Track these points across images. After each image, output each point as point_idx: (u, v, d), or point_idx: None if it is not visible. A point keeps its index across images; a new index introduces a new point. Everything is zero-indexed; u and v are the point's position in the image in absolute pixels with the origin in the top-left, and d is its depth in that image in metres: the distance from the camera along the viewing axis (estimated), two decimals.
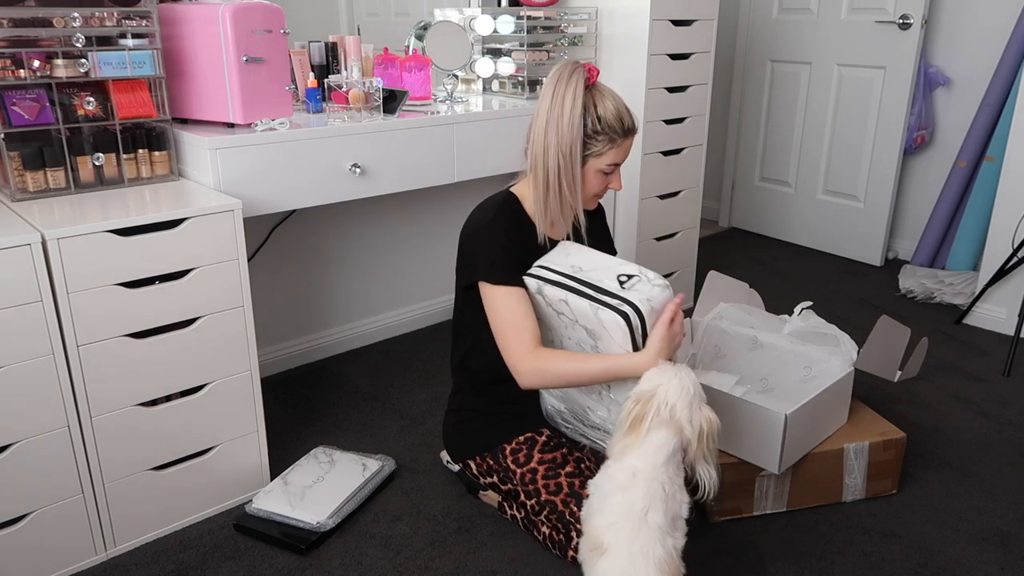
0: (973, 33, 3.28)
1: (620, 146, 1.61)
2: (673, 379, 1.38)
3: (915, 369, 1.93)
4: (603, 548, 1.30)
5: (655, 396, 1.36)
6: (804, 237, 3.90)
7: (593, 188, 1.65)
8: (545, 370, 1.55)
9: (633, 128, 1.62)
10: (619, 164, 1.64)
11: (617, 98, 1.61)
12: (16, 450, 1.51)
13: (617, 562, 1.28)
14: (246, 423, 1.83)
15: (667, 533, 1.31)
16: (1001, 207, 2.82)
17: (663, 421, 1.34)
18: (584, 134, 1.57)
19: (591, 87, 1.59)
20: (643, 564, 1.27)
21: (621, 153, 1.62)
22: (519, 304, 1.58)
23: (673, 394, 1.36)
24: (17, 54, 1.63)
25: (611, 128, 1.58)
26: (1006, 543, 1.76)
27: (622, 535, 1.29)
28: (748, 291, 2.18)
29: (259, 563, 1.68)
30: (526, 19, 2.58)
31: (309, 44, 2.26)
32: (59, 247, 1.47)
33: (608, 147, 1.59)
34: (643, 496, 1.31)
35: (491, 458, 1.77)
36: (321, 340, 2.64)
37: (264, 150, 1.87)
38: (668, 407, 1.35)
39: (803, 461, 1.81)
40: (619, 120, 1.58)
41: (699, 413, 1.37)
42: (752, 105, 3.99)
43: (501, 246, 1.60)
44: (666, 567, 1.28)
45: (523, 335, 1.56)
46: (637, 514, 1.30)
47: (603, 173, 1.63)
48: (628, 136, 1.61)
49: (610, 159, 1.61)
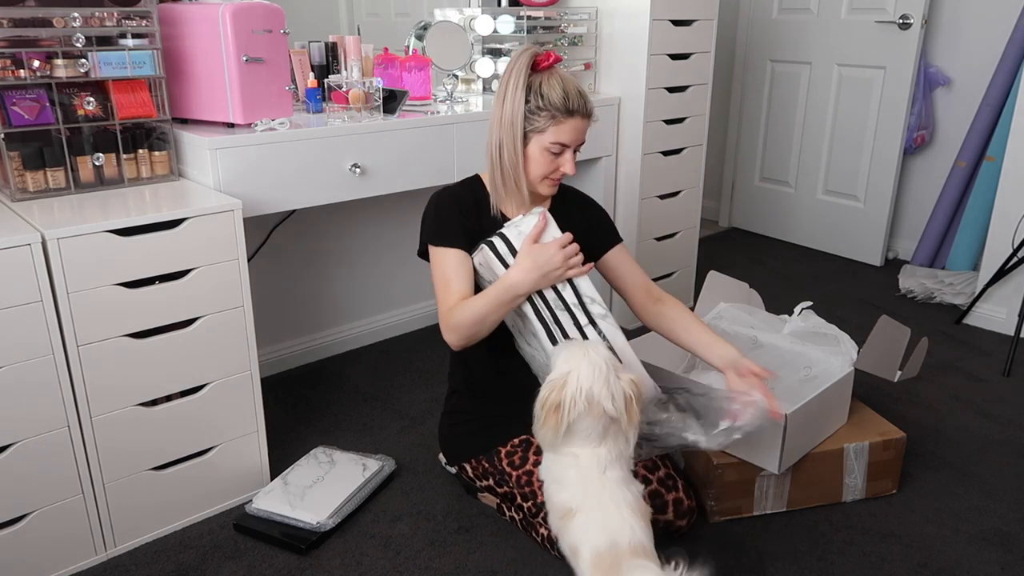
0: (973, 33, 3.28)
1: (562, 125, 1.60)
2: (582, 361, 1.37)
3: (915, 369, 1.93)
4: (572, 511, 1.33)
5: (567, 384, 1.36)
6: (804, 237, 3.90)
7: (541, 167, 1.65)
8: (452, 321, 1.59)
9: (580, 110, 1.61)
10: (567, 145, 1.63)
11: (569, 81, 1.62)
12: (16, 450, 1.51)
13: (591, 515, 1.32)
14: (246, 423, 1.83)
15: (629, 482, 1.37)
16: (1001, 207, 2.82)
17: (581, 410, 1.35)
18: (528, 110, 1.60)
19: (544, 70, 1.61)
20: (615, 509, 1.31)
21: (565, 132, 1.61)
22: (452, 263, 1.63)
23: (585, 378, 1.35)
24: (17, 54, 1.63)
25: (552, 105, 1.59)
26: (1006, 543, 1.76)
27: (589, 493, 1.33)
28: (748, 291, 2.18)
29: (259, 563, 1.68)
30: (526, 19, 2.58)
31: (309, 44, 2.25)
32: (59, 247, 1.47)
33: (549, 123, 1.60)
34: (596, 463, 1.35)
35: (486, 461, 1.76)
36: (321, 340, 2.64)
37: (264, 150, 1.87)
38: (583, 393, 1.34)
39: (803, 461, 1.81)
40: (563, 99, 1.59)
41: (617, 385, 1.37)
42: (752, 105, 3.99)
43: (448, 212, 1.67)
44: (637, 507, 1.33)
45: (449, 296, 1.62)
46: (597, 475, 1.34)
47: (550, 153, 1.63)
48: (572, 116, 1.60)
49: (552, 137, 1.61)
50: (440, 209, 1.69)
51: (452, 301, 1.61)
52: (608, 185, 2.74)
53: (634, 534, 1.29)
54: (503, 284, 1.56)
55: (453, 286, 1.62)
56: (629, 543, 1.28)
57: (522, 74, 1.59)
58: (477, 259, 1.65)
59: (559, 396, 1.35)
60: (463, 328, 1.59)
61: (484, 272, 1.66)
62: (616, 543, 1.28)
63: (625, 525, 1.30)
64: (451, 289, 1.62)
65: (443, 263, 1.65)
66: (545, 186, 1.69)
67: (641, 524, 1.31)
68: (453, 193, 1.72)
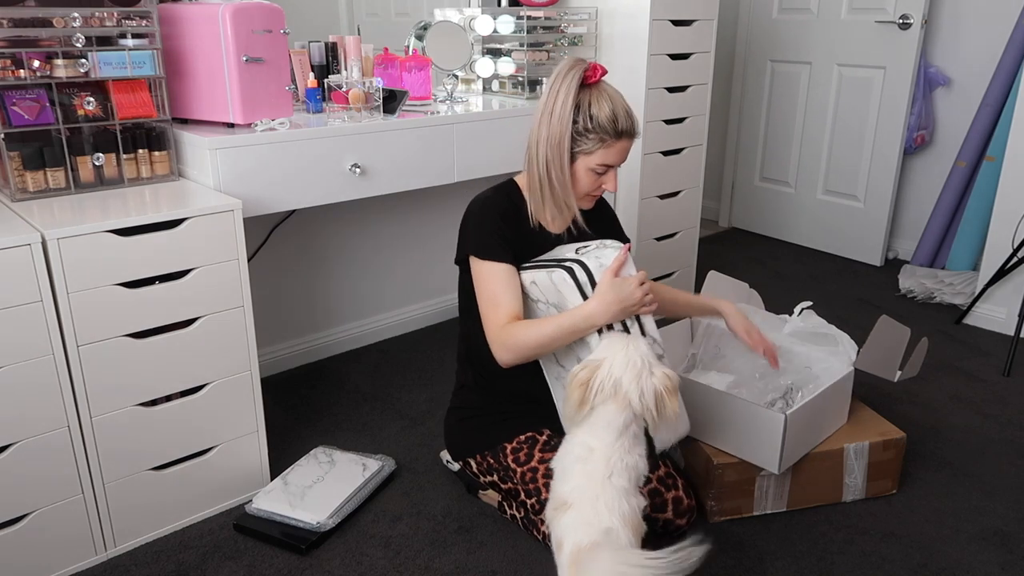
0: (973, 33, 3.28)
1: (611, 147, 1.59)
2: (619, 352, 1.37)
3: (915, 369, 1.93)
4: (568, 504, 1.32)
5: (600, 367, 1.37)
6: (804, 237, 3.90)
7: (584, 186, 1.64)
8: (511, 341, 1.57)
9: (629, 132, 1.60)
10: (612, 166, 1.62)
11: (617, 99, 1.60)
12: (16, 450, 1.51)
13: (582, 514, 1.30)
14: (246, 423, 1.83)
15: (631, 494, 1.34)
16: (1001, 207, 2.82)
17: (608, 395, 1.35)
18: (576, 131, 1.58)
19: (592, 85, 1.59)
20: (607, 514, 1.29)
21: (613, 155, 1.60)
22: (501, 279, 1.60)
23: (618, 367, 1.35)
24: (17, 54, 1.63)
25: (602, 128, 1.57)
26: (1006, 543, 1.76)
27: (586, 493, 1.32)
28: (748, 291, 2.18)
29: (259, 563, 1.68)
30: (526, 19, 2.58)
31: (309, 44, 2.26)
32: (59, 247, 1.47)
33: (598, 146, 1.59)
34: (604, 466, 1.33)
35: (491, 457, 1.77)
36: (321, 340, 2.64)
37: (264, 150, 1.87)
38: (612, 380, 1.35)
39: (803, 461, 1.81)
40: (612, 121, 1.57)
41: (649, 381, 1.36)
42: (752, 105, 3.99)
43: (492, 223, 1.63)
44: (630, 520, 1.31)
45: (499, 311, 1.59)
46: (600, 478, 1.32)
47: (594, 173, 1.62)
48: (621, 138, 1.59)
49: (600, 159, 1.60)
50: (485, 220, 1.64)
51: (503, 319, 1.58)
52: None
53: (617, 540, 1.27)
54: (581, 313, 1.53)
55: (503, 303, 1.59)
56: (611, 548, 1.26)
57: (572, 92, 1.56)
58: (536, 277, 1.60)
59: (589, 375, 1.36)
60: (525, 349, 1.57)
61: (544, 293, 1.60)
62: (597, 543, 1.26)
63: (612, 531, 1.28)
64: (501, 306, 1.59)
65: (491, 279, 1.61)
66: (586, 202, 1.69)
67: (629, 535, 1.29)
68: (495, 202, 1.67)
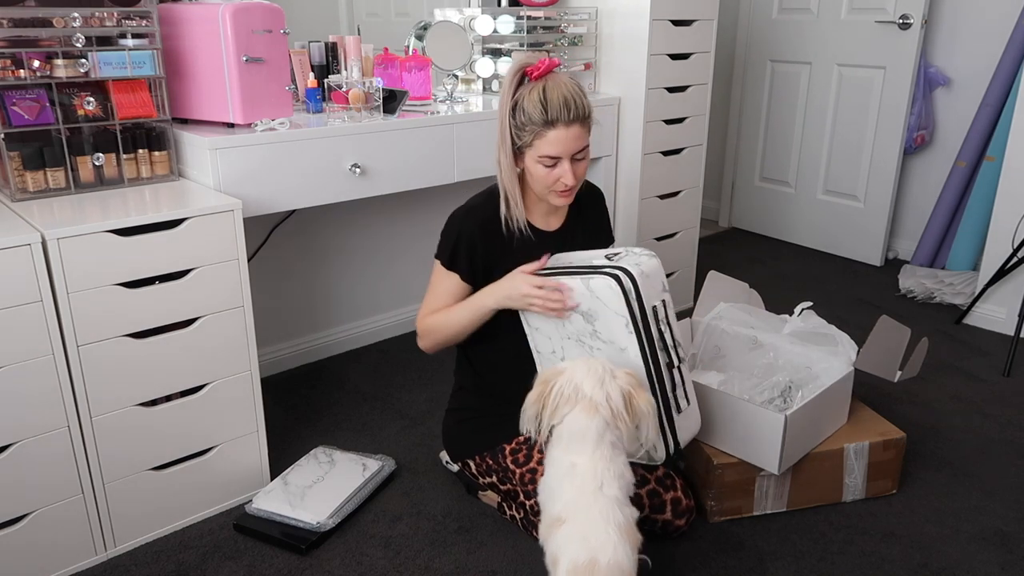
0: (973, 33, 3.28)
1: (545, 137, 1.57)
2: (579, 363, 1.40)
3: (915, 369, 1.93)
4: (561, 520, 1.31)
5: (560, 375, 1.38)
6: (804, 237, 3.90)
7: (541, 181, 1.64)
8: (423, 329, 1.73)
9: (558, 119, 1.56)
10: (558, 156, 1.59)
11: (555, 89, 1.56)
12: (16, 450, 1.51)
13: (577, 527, 1.29)
14: (246, 423, 1.83)
15: (623, 503, 1.34)
16: (1001, 207, 2.82)
17: (568, 400, 1.36)
18: (515, 127, 1.60)
19: (536, 81, 1.58)
20: (603, 525, 1.28)
21: (550, 144, 1.57)
22: (445, 286, 1.71)
23: (579, 374, 1.37)
24: (17, 54, 1.63)
25: (531, 119, 1.57)
26: (1006, 543, 1.76)
27: (580, 506, 1.31)
28: (748, 291, 2.18)
29: (259, 563, 1.68)
30: (526, 19, 2.57)
31: (309, 44, 2.25)
32: (59, 247, 1.47)
33: (534, 138, 1.58)
34: (592, 478, 1.33)
35: (490, 458, 1.77)
36: (321, 340, 2.64)
37: (264, 150, 1.87)
38: (572, 386, 1.36)
39: (803, 461, 1.81)
40: (541, 111, 1.56)
41: (613, 384, 1.37)
42: (752, 105, 3.99)
43: (465, 234, 1.67)
44: (626, 531, 1.30)
45: (432, 305, 1.73)
46: (591, 490, 1.32)
47: (544, 166, 1.61)
48: (554, 127, 1.56)
49: (540, 151, 1.59)
50: (461, 236, 1.68)
51: (433, 311, 1.72)
52: (608, 185, 2.74)
53: (616, 553, 1.26)
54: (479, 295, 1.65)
55: (440, 302, 1.72)
56: (608, 562, 1.25)
57: (510, 91, 1.59)
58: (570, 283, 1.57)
59: (545, 387, 1.40)
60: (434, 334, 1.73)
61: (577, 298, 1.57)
62: (595, 560, 1.25)
63: (609, 543, 1.26)
64: (437, 303, 1.72)
65: (439, 282, 1.73)
66: (553, 198, 1.68)
67: (625, 546, 1.28)
68: (476, 213, 1.70)
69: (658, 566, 1.67)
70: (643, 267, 1.55)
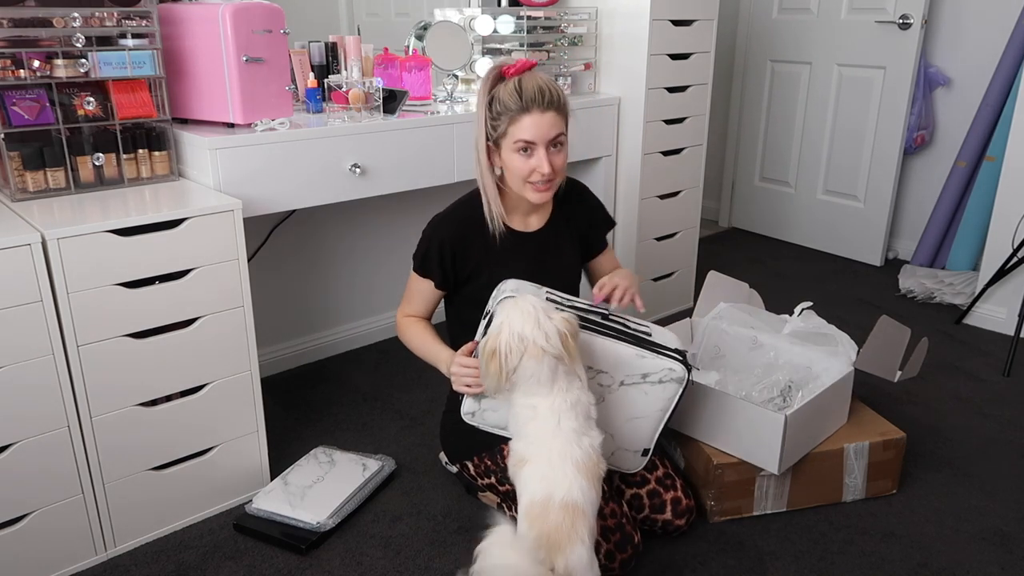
0: (973, 33, 3.28)
1: (520, 122, 1.59)
2: (512, 311, 1.44)
3: (915, 369, 1.93)
4: (525, 460, 1.41)
5: (501, 332, 1.43)
6: (804, 237, 3.90)
7: (517, 173, 1.64)
8: (400, 325, 1.83)
9: (534, 102, 1.58)
10: (530, 141, 1.61)
11: (529, 80, 1.60)
12: (16, 450, 1.51)
13: (538, 468, 1.39)
14: (246, 423, 1.83)
15: (582, 434, 1.42)
16: (1001, 207, 2.82)
17: (521, 352, 1.40)
18: (490, 119, 1.63)
19: (510, 78, 1.62)
20: (561, 464, 1.38)
21: (524, 129, 1.60)
22: (419, 290, 1.78)
23: (516, 322, 1.42)
24: (17, 54, 1.63)
25: (506, 106, 1.60)
26: (1006, 543, 1.76)
27: (541, 446, 1.40)
28: (748, 291, 2.18)
29: (259, 563, 1.68)
30: (526, 19, 2.57)
31: (309, 44, 2.25)
32: (59, 247, 1.47)
33: (508, 124, 1.61)
34: (550, 416, 1.41)
35: (489, 458, 1.76)
36: (321, 340, 2.64)
37: (264, 150, 1.87)
38: (516, 336, 1.41)
39: (803, 461, 1.81)
40: (515, 97, 1.59)
41: (550, 324, 1.41)
42: (752, 105, 3.99)
43: (436, 242, 1.71)
44: (583, 464, 1.38)
45: (408, 306, 1.82)
46: (551, 429, 1.40)
47: (519, 155, 1.62)
48: (529, 111, 1.58)
49: (514, 136, 1.61)
50: (431, 245, 1.73)
51: (407, 310, 1.81)
52: (608, 185, 2.74)
53: (570, 491, 1.35)
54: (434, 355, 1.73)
55: (412, 305, 1.81)
56: (562, 499, 1.34)
57: (486, 90, 1.63)
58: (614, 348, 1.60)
59: (495, 342, 1.42)
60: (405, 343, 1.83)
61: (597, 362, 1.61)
62: (550, 496, 1.34)
63: (564, 481, 1.36)
64: (412, 305, 1.81)
65: (413, 286, 1.79)
66: (529, 192, 1.67)
67: (582, 482, 1.36)
68: (451, 220, 1.74)
69: (658, 566, 1.67)
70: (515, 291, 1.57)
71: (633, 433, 1.64)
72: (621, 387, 1.60)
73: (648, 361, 1.58)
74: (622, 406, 1.61)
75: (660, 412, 1.62)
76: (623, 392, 1.60)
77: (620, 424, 1.63)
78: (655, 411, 1.61)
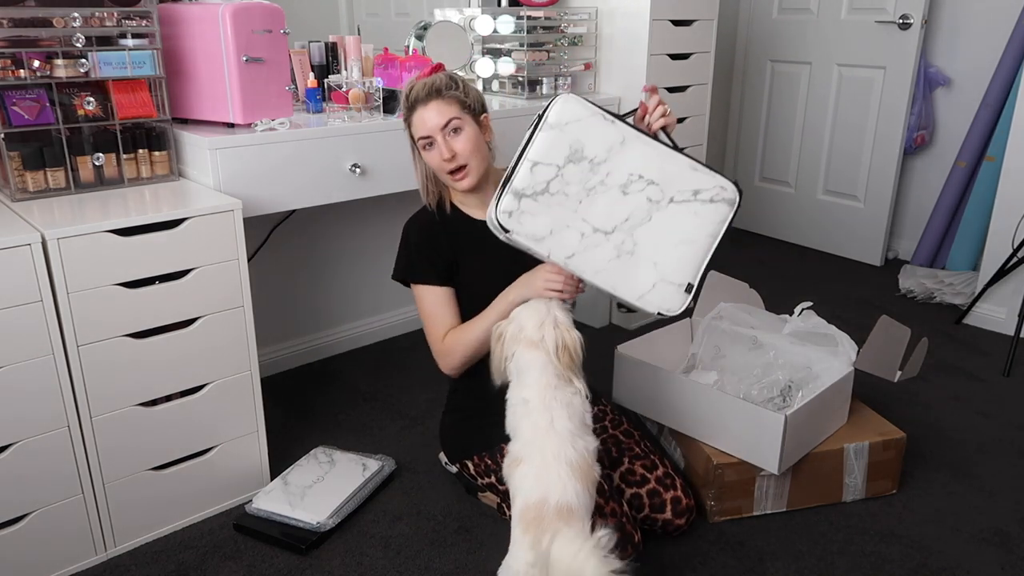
0: (973, 33, 3.28)
1: (413, 123, 1.66)
2: (529, 307, 1.51)
3: (915, 369, 1.93)
4: (519, 460, 1.40)
5: (511, 321, 1.51)
6: (804, 237, 3.90)
7: (435, 166, 1.68)
8: (449, 351, 1.70)
9: (416, 99, 1.64)
10: (427, 136, 1.64)
11: (416, 83, 1.65)
12: (16, 450, 1.51)
13: (531, 468, 1.37)
14: (246, 423, 1.83)
15: (577, 436, 1.40)
16: (1001, 207, 2.82)
17: (515, 340, 1.47)
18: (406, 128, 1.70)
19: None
20: (555, 465, 1.35)
21: (417, 126, 1.65)
22: (432, 299, 1.73)
23: (525, 317, 1.49)
24: (17, 54, 1.63)
25: (404, 113, 1.69)
26: (1006, 543, 1.76)
27: (535, 446, 1.39)
28: (748, 291, 2.18)
29: (259, 563, 1.68)
30: (526, 19, 2.57)
31: (309, 44, 2.26)
32: (59, 247, 1.47)
33: (409, 128, 1.69)
34: (544, 414, 1.40)
35: (488, 458, 1.76)
36: (321, 340, 2.64)
37: (264, 150, 1.87)
38: (517, 326, 1.48)
39: (803, 461, 1.81)
40: (404, 101, 1.67)
41: (552, 332, 1.46)
42: (752, 105, 3.99)
43: (415, 247, 1.73)
44: (578, 467, 1.36)
45: (437, 328, 1.72)
46: (544, 428, 1.39)
47: (427, 149, 1.66)
48: (416, 108, 1.64)
49: (416, 136, 1.67)
50: (411, 245, 1.74)
51: (441, 334, 1.71)
52: None
53: (564, 494, 1.32)
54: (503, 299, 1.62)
55: (439, 320, 1.72)
56: (557, 502, 1.31)
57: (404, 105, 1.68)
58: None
59: (503, 328, 1.51)
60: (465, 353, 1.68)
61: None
62: (545, 499, 1.32)
63: (559, 483, 1.33)
64: (438, 323, 1.72)
65: (424, 300, 1.74)
66: (452, 182, 1.70)
67: (576, 485, 1.34)
68: (419, 221, 1.77)
69: (658, 566, 1.67)
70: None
71: (680, 260, 1.54)
72: (671, 204, 1.52)
73: (701, 176, 1.51)
74: (671, 227, 1.53)
75: (710, 238, 1.54)
76: (672, 211, 1.52)
77: (668, 249, 1.53)
78: (704, 236, 1.54)
